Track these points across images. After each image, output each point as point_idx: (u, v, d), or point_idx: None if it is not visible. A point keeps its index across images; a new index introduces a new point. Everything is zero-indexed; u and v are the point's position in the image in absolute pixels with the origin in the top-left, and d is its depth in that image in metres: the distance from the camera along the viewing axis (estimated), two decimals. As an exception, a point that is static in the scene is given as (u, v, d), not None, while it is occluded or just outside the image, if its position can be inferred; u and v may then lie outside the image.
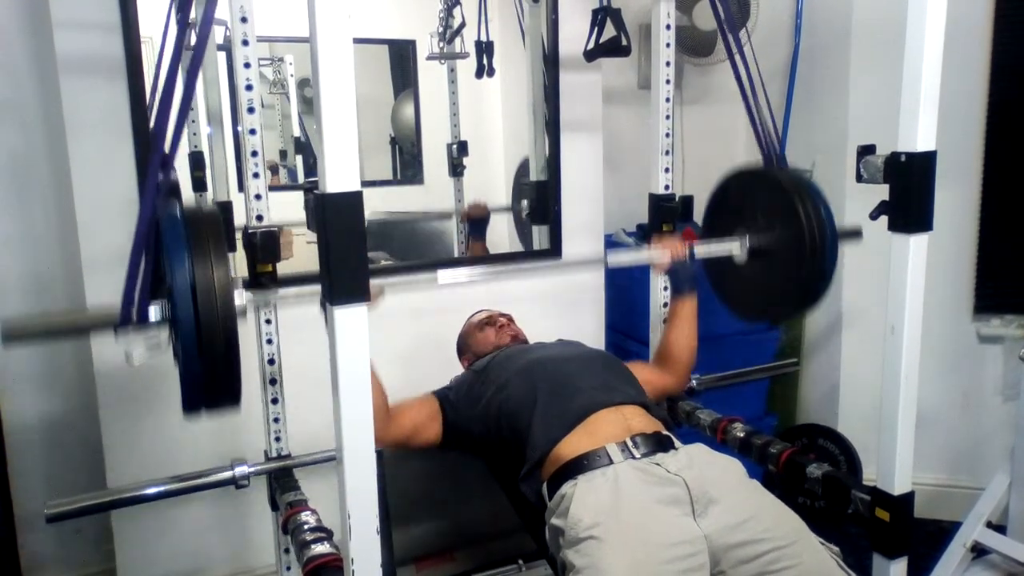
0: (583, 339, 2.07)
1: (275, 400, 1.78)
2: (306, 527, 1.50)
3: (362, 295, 1.06)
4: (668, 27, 2.08)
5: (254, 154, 1.72)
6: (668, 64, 2.09)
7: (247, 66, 1.69)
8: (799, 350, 3.11)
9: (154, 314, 1.24)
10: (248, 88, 1.70)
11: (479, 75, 2.72)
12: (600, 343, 2.60)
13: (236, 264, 2.24)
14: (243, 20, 1.69)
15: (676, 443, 1.58)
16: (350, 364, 1.07)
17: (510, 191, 2.82)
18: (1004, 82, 2.64)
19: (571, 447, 1.54)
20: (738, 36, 1.91)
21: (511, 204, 2.78)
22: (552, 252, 2.55)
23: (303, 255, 2.01)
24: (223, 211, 2.25)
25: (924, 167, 1.43)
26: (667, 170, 2.15)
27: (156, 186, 1.23)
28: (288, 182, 2.77)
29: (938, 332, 2.61)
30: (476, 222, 2.78)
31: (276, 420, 1.79)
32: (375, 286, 1.43)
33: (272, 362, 1.76)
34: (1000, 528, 2.29)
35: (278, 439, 1.80)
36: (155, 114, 1.26)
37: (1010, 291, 2.73)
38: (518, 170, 2.73)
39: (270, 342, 1.76)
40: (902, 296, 1.47)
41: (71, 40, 1.93)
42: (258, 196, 1.72)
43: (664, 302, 2.17)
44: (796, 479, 1.74)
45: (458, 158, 2.78)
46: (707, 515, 1.42)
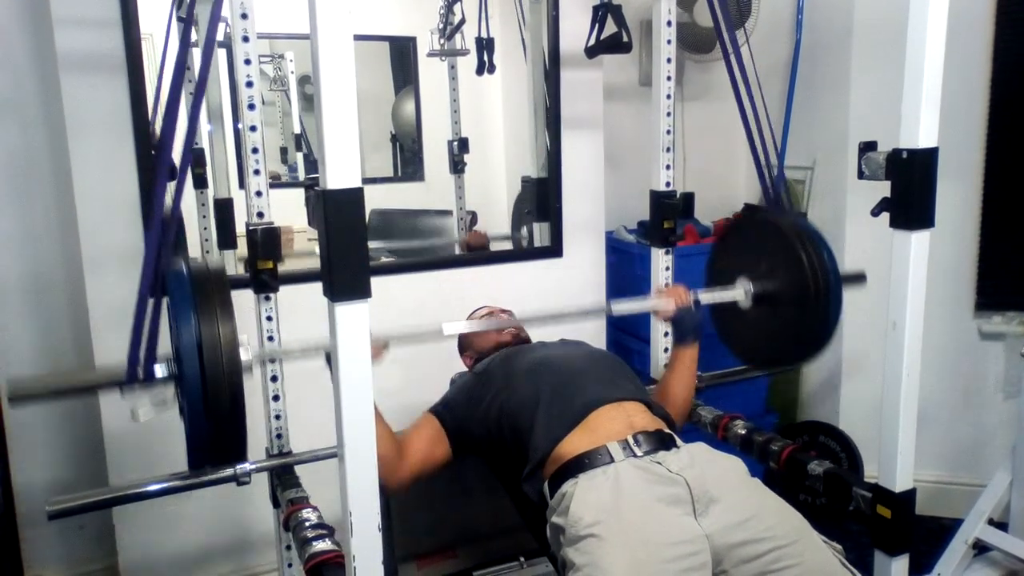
0: (584, 337, 2.07)
1: (276, 397, 1.79)
2: (307, 524, 1.50)
3: (363, 292, 1.05)
4: (669, 23, 2.08)
5: (255, 151, 1.72)
6: (669, 60, 2.09)
7: (247, 63, 1.70)
8: (800, 347, 3.11)
9: (160, 371, 1.25)
10: (248, 85, 1.70)
11: (480, 72, 2.71)
12: (601, 341, 2.60)
13: (236, 261, 2.27)
14: (243, 16, 1.68)
15: (678, 441, 1.57)
16: (352, 360, 1.07)
17: (510, 189, 2.82)
18: (1006, 78, 2.64)
19: (572, 446, 1.53)
20: (735, 37, 1.90)
21: (511, 232, 2.78)
22: (553, 250, 2.55)
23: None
24: (223, 209, 2.28)
25: (926, 164, 1.42)
26: (668, 167, 2.14)
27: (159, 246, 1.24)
28: (289, 179, 2.77)
29: (939, 329, 2.61)
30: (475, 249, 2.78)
31: (277, 417, 1.79)
32: (378, 340, 1.42)
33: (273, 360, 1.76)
34: (1001, 525, 2.29)
35: (279, 436, 1.80)
36: (157, 179, 1.28)
37: (1011, 288, 2.73)
38: (518, 197, 2.72)
39: (271, 339, 1.76)
40: (903, 293, 1.47)
41: (71, 37, 1.92)
42: (259, 193, 1.72)
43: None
44: (797, 476, 1.74)
45: (459, 155, 2.77)
46: (708, 514, 1.41)
